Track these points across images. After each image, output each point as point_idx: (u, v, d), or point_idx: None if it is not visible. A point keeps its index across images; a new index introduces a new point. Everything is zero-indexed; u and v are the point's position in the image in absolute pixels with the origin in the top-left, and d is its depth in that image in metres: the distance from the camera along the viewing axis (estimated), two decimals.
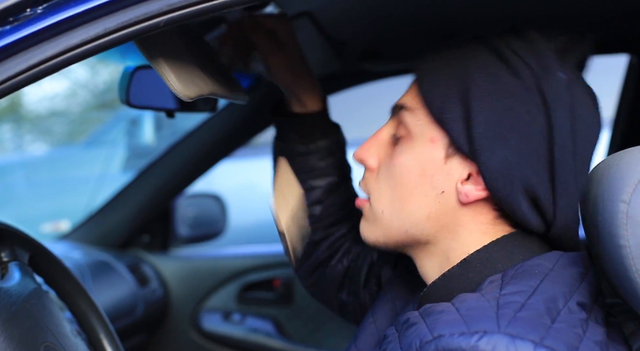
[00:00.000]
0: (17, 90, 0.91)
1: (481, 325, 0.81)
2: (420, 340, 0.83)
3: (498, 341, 0.79)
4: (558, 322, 0.84)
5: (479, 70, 0.93)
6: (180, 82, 1.01)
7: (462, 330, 0.81)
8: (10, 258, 1.17)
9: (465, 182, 0.95)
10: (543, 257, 0.93)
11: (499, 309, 0.84)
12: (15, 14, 0.90)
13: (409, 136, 0.97)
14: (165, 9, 0.89)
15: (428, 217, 0.96)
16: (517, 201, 0.92)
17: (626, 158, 0.89)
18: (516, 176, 0.91)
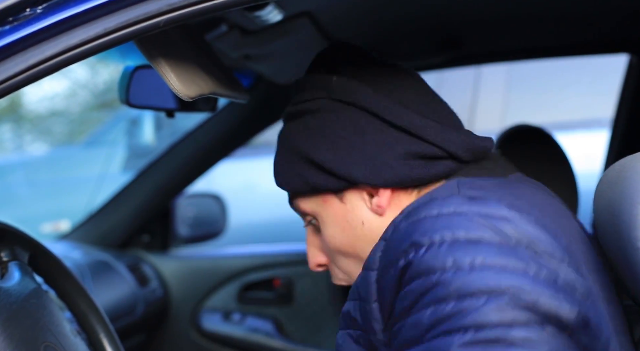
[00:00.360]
0: (17, 90, 0.91)
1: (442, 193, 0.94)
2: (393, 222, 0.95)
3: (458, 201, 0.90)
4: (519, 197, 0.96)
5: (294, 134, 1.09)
6: (181, 82, 1.01)
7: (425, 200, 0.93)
8: (10, 258, 1.17)
9: (372, 199, 1.06)
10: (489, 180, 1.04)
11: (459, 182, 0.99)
12: (14, 13, 0.90)
13: (316, 218, 1.11)
14: (164, 8, 0.89)
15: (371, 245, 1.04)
16: (407, 170, 1.03)
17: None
18: (387, 157, 1.04)
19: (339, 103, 1.06)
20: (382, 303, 0.92)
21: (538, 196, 1.02)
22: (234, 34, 1.47)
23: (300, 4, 1.45)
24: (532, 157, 1.78)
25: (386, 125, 1.04)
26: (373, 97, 1.05)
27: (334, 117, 1.06)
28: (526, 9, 1.60)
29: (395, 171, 1.03)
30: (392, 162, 1.03)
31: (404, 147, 1.03)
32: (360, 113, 1.05)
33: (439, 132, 1.04)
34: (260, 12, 1.33)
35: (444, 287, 0.85)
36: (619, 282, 0.96)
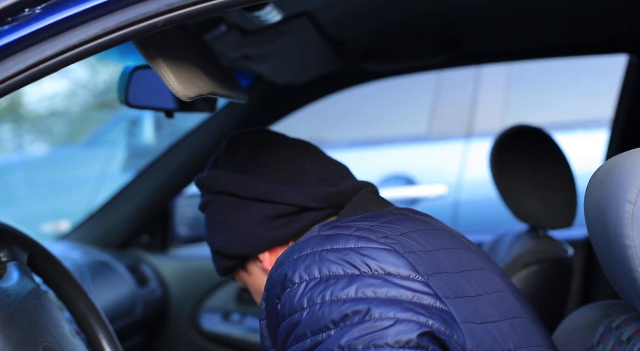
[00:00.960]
0: (16, 90, 0.91)
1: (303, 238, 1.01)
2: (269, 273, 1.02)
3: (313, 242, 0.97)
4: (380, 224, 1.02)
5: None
6: (180, 82, 1.01)
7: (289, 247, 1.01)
8: (9, 258, 1.17)
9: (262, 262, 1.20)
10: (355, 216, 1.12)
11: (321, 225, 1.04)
12: (13, 13, 0.90)
13: None
14: (163, 9, 0.89)
15: None
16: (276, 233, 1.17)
17: (631, 158, 0.89)
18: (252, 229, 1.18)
19: (214, 195, 1.22)
20: (277, 347, 1.00)
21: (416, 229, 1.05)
22: (233, 34, 1.47)
23: (300, 4, 1.45)
24: (531, 157, 1.78)
25: (243, 200, 1.18)
26: (231, 180, 1.19)
27: (212, 208, 1.22)
28: (526, 9, 1.60)
29: (262, 237, 1.17)
30: (256, 230, 1.17)
31: (261, 213, 1.17)
32: (226, 198, 1.20)
33: (284, 191, 1.15)
34: (259, 12, 1.33)
35: (302, 325, 0.92)
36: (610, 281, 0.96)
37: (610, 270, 0.93)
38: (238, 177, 1.19)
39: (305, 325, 0.92)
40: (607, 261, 0.93)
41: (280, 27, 1.48)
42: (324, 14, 1.53)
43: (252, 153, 1.22)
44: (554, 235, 1.80)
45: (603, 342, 1.03)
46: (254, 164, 1.20)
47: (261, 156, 1.21)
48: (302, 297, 0.93)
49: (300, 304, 0.93)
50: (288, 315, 0.94)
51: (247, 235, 1.18)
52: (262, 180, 1.18)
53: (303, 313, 0.92)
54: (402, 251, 0.96)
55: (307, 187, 1.17)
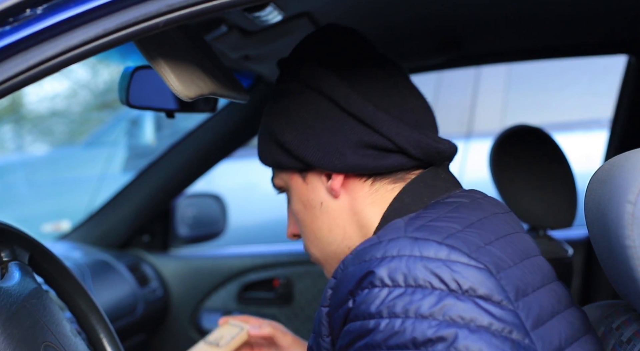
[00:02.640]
0: (17, 90, 0.92)
1: (389, 235, 0.95)
2: (344, 262, 0.97)
3: (403, 243, 0.91)
4: (468, 228, 0.97)
5: (270, 111, 1.17)
6: (180, 82, 1.01)
7: (374, 242, 0.95)
8: (11, 258, 1.17)
9: (328, 182, 1.12)
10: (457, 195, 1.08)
11: (408, 221, 0.99)
12: (15, 14, 0.90)
13: (287, 192, 1.19)
14: (164, 9, 0.89)
15: (329, 230, 1.13)
16: (357, 158, 1.08)
17: (631, 159, 0.90)
18: (339, 144, 1.08)
19: (306, 89, 1.11)
20: (334, 339, 0.97)
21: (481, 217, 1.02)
22: (234, 34, 1.47)
23: (300, 5, 1.45)
24: (531, 157, 1.78)
25: (344, 113, 1.08)
26: (335, 85, 1.09)
27: (299, 101, 1.11)
28: (526, 9, 1.60)
29: (346, 158, 1.08)
30: (344, 150, 1.08)
31: (357, 136, 1.08)
32: (322, 100, 1.10)
33: (392, 125, 1.07)
34: (260, 12, 1.33)
35: (377, 335, 0.88)
36: (610, 281, 0.96)
37: (611, 270, 0.93)
38: (345, 87, 1.09)
39: (381, 337, 0.87)
40: (608, 261, 0.93)
41: (280, 27, 1.49)
42: (324, 14, 1.53)
43: (363, 67, 1.13)
44: (553, 235, 1.81)
45: (603, 342, 1.03)
46: (363, 79, 1.11)
47: (372, 74, 1.12)
48: (382, 305, 0.88)
49: (378, 312, 0.88)
50: (362, 318, 0.90)
51: (333, 149, 1.09)
52: (369, 101, 1.09)
53: (381, 322, 0.88)
54: (495, 270, 0.91)
55: (413, 130, 1.09)
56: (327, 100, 1.09)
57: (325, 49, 1.15)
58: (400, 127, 1.07)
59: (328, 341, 0.97)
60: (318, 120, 1.10)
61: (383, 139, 1.07)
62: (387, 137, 1.07)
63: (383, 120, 1.07)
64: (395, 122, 1.08)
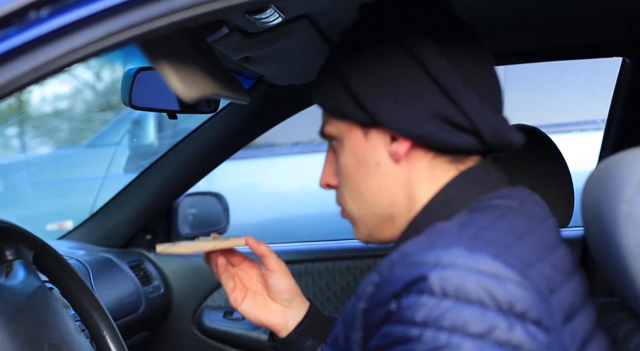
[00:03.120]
0: (21, 91, 0.92)
1: (443, 240, 0.91)
2: (391, 260, 0.93)
3: (458, 253, 0.87)
4: (521, 241, 0.93)
5: (343, 55, 1.08)
6: (183, 84, 1.02)
7: (425, 246, 0.91)
8: (15, 257, 1.18)
9: (392, 144, 1.05)
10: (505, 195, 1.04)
11: (461, 227, 0.95)
12: (19, 16, 0.91)
13: (338, 141, 1.11)
14: (168, 12, 0.90)
15: (379, 192, 1.07)
16: (432, 129, 1.02)
17: (626, 159, 0.90)
18: (418, 111, 1.02)
19: (393, 43, 1.04)
20: (367, 335, 0.94)
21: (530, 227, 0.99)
22: (235, 36, 1.48)
23: (300, 7, 1.46)
24: (527, 158, 1.78)
25: (430, 80, 1.02)
26: (428, 49, 1.02)
27: (383, 55, 1.04)
28: (522, 12, 1.61)
29: (420, 125, 1.01)
30: (420, 116, 1.01)
31: (438, 108, 1.01)
32: (410, 60, 1.02)
33: (476, 106, 1.02)
34: (260, 14, 1.33)
35: (419, 345, 0.85)
36: (607, 280, 0.97)
37: (607, 269, 0.94)
38: (438, 53, 1.02)
39: (422, 348, 0.84)
40: (604, 260, 0.94)
41: (281, 29, 1.49)
42: (324, 16, 1.54)
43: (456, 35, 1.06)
44: None
45: None
46: (455, 49, 1.04)
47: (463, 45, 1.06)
48: (428, 315, 0.85)
49: (424, 322, 0.85)
50: (405, 323, 0.87)
51: (410, 113, 1.02)
52: (459, 75, 1.03)
53: (425, 332, 0.85)
54: (547, 292, 0.89)
55: (493, 115, 1.03)
56: (415, 62, 1.02)
57: (418, 5, 1.08)
58: (483, 109, 1.02)
59: (360, 336, 0.95)
60: (401, 79, 1.02)
61: (463, 117, 1.02)
62: (467, 115, 1.01)
63: (468, 97, 1.01)
64: (479, 103, 1.02)
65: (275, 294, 1.32)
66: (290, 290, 1.31)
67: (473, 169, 1.06)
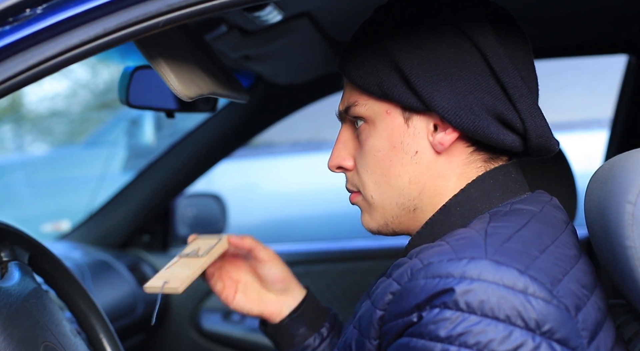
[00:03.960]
0: (17, 90, 0.92)
1: (469, 252, 0.87)
2: (412, 268, 0.89)
3: (484, 266, 0.84)
4: (545, 254, 0.90)
5: (394, 34, 1.00)
6: (180, 82, 1.01)
7: (450, 256, 0.87)
8: (10, 258, 1.17)
9: (435, 133, 1.00)
10: (526, 200, 1.01)
11: (487, 237, 0.90)
12: (14, 14, 0.90)
13: (367, 123, 1.04)
14: (164, 9, 0.89)
15: (410, 181, 1.02)
16: (485, 124, 0.97)
17: (631, 159, 0.89)
18: (473, 102, 0.97)
19: (453, 27, 0.98)
20: (383, 344, 0.92)
21: (554, 238, 0.95)
22: (234, 34, 1.47)
23: (300, 5, 1.45)
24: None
25: (490, 73, 0.97)
26: (490, 41, 0.97)
27: (442, 37, 0.98)
28: (525, 9, 1.60)
29: (477, 119, 0.97)
30: (476, 108, 0.97)
31: (493, 103, 0.97)
32: (471, 50, 0.97)
33: (531, 107, 0.98)
34: (260, 12, 1.33)
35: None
36: (611, 281, 0.96)
37: (612, 270, 0.93)
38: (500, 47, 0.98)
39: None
40: (608, 261, 0.93)
41: (280, 27, 1.49)
42: (324, 14, 1.53)
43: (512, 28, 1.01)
44: None
45: None
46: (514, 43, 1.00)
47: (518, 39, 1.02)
48: (453, 330, 0.82)
49: (448, 337, 0.82)
50: (428, 338, 0.84)
51: (467, 104, 0.97)
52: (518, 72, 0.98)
53: (448, 348, 0.82)
54: (574, 310, 0.87)
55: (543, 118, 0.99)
56: (476, 52, 0.98)
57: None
58: (536, 111, 0.99)
59: (375, 344, 0.93)
60: (459, 68, 0.97)
61: (516, 116, 0.98)
62: (521, 115, 0.98)
63: (526, 97, 0.98)
64: (534, 104, 0.99)
65: (269, 284, 1.30)
66: (283, 279, 1.29)
67: (495, 171, 1.02)
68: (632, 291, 0.89)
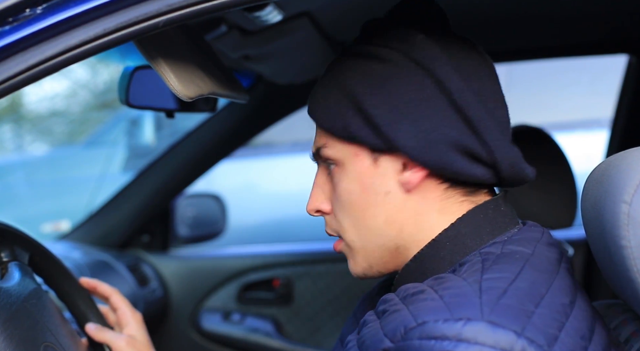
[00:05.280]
0: (17, 90, 0.91)
1: (465, 312, 0.84)
2: (405, 326, 0.86)
3: (481, 329, 0.82)
4: (541, 307, 0.87)
5: (352, 73, 1.00)
6: (180, 82, 1.01)
7: (445, 316, 0.84)
8: (10, 258, 1.17)
9: (403, 172, 0.99)
10: (518, 240, 0.98)
11: (481, 294, 0.87)
12: (14, 14, 0.90)
13: (338, 165, 1.03)
14: (164, 9, 0.89)
15: (386, 222, 1.00)
16: (451, 160, 0.96)
17: (627, 158, 0.89)
18: (438, 139, 0.96)
19: (413, 64, 0.97)
20: None
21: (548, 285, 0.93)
22: (234, 34, 1.47)
23: (300, 5, 1.45)
24: (531, 158, 1.77)
25: (452, 107, 0.96)
26: (452, 75, 0.96)
27: (403, 75, 0.97)
28: (526, 9, 1.60)
29: (441, 155, 0.96)
30: (440, 145, 0.96)
31: (457, 136, 0.96)
32: (431, 84, 0.96)
33: (498, 137, 0.97)
34: (259, 12, 1.33)
35: None
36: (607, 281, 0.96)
37: (607, 270, 0.93)
38: (460, 78, 0.97)
39: None
40: (604, 261, 0.93)
41: (280, 27, 1.49)
42: (324, 14, 1.53)
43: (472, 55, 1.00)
44: (554, 235, 1.80)
45: None
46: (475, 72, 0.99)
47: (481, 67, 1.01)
48: None
49: None
50: None
51: (430, 141, 0.96)
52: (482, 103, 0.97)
53: None
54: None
55: (512, 147, 0.99)
56: (436, 85, 0.96)
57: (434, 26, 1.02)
58: (503, 141, 0.98)
59: None
60: (421, 105, 0.96)
61: (482, 148, 0.96)
62: (488, 147, 0.96)
63: (491, 128, 0.97)
64: (500, 135, 0.97)
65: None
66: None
67: (485, 206, 1.00)
68: (628, 292, 0.89)
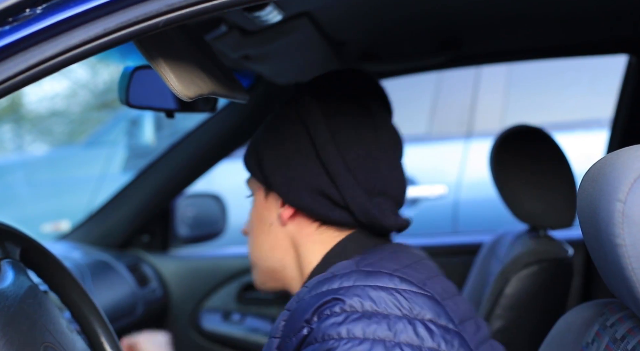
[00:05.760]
0: (17, 90, 0.91)
1: (341, 270, 1.02)
2: (298, 295, 1.02)
3: (357, 275, 0.98)
4: (408, 268, 1.12)
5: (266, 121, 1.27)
6: (180, 82, 1.01)
7: (328, 277, 1.00)
8: (2, 256, 1.15)
9: (282, 209, 1.22)
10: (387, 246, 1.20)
11: (358, 261, 1.10)
12: (14, 14, 0.90)
13: (253, 196, 1.28)
14: (164, 9, 0.89)
15: (270, 248, 1.24)
16: (310, 202, 1.18)
17: (622, 157, 0.89)
18: (300, 184, 1.18)
19: (297, 120, 1.20)
20: None
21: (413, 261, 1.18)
22: (234, 34, 1.47)
23: (300, 5, 1.45)
24: (531, 157, 1.78)
25: (317, 158, 1.17)
26: (320, 129, 1.17)
27: (288, 129, 1.20)
28: (526, 9, 1.60)
29: (301, 198, 1.17)
30: (302, 190, 1.17)
31: (318, 184, 1.17)
32: (305, 137, 1.18)
33: (351, 187, 1.16)
34: (259, 12, 1.32)
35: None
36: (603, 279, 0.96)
37: (603, 268, 0.93)
38: (328, 134, 1.18)
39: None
40: (600, 260, 0.93)
41: (280, 27, 1.48)
42: (324, 14, 1.53)
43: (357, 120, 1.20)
44: (554, 235, 1.80)
45: (597, 340, 1.03)
46: (348, 132, 1.19)
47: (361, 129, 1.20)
48: (341, 327, 0.92)
49: (338, 333, 0.92)
50: (321, 340, 0.93)
51: (295, 185, 1.18)
52: (342, 157, 1.17)
53: (341, 342, 0.91)
54: (440, 299, 1.00)
55: (368, 199, 1.18)
56: (308, 139, 1.18)
57: (331, 89, 1.23)
58: (357, 192, 1.16)
59: None
60: (295, 153, 1.18)
61: (338, 196, 1.16)
62: (342, 195, 1.16)
63: (346, 180, 1.16)
64: (355, 187, 1.16)
65: None
66: None
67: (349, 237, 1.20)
68: (623, 290, 0.89)
